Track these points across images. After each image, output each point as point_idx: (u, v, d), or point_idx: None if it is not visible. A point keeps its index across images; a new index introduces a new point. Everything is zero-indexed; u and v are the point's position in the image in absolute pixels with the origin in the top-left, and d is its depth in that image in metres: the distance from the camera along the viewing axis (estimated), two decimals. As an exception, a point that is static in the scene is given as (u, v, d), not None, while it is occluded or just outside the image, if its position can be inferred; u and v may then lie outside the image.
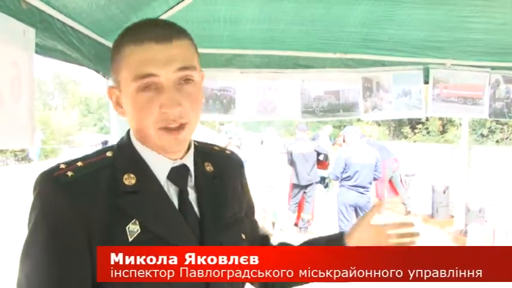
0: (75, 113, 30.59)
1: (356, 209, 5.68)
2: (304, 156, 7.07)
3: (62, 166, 0.94)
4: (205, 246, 0.97)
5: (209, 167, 1.07)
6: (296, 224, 7.38)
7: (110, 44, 2.78)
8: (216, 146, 1.18)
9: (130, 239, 0.90)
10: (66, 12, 2.01)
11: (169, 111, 0.89)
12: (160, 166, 0.97)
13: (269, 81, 3.16)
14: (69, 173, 0.92)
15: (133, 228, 0.91)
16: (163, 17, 2.65)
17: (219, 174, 1.08)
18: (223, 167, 1.11)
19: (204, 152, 1.10)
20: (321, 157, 7.68)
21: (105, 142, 20.51)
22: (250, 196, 1.22)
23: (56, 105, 37.84)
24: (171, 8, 2.58)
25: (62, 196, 0.89)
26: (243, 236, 1.08)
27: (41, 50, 1.82)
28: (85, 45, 2.29)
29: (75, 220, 0.89)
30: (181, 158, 1.00)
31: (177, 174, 0.99)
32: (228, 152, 1.19)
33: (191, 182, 1.02)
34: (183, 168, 1.00)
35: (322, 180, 9.97)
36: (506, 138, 12.36)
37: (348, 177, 5.61)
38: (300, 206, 7.35)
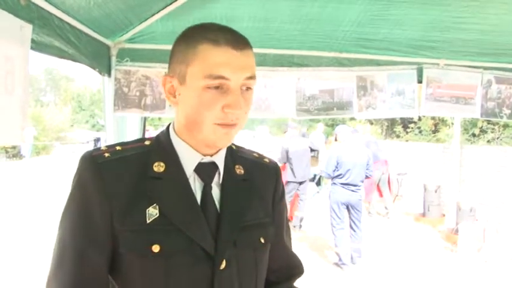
0: (67, 110, 30.36)
1: (348, 207, 5.71)
2: (300, 153, 7.11)
3: (103, 148, 1.04)
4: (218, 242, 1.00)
5: (239, 170, 1.12)
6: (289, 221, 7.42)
7: (107, 41, 2.79)
8: (256, 153, 1.23)
9: (148, 221, 0.97)
10: (64, 9, 2.02)
11: (234, 111, 0.95)
12: (189, 159, 1.03)
13: (264, 79, 3.17)
14: (106, 154, 1.01)
15: (152, 212, 0.97)
16: (160, 14, 2.67)
17: (249, 178, 1.12)
18: (256, 172, 1.15)
19: (239, 155, 1.16)
20: (314, 154, 7.72)
21: (98, 139, 20.48)
22: (283, 211, 1.23)
23: (48, 101, 37.56)
24: (168, 5, 2.59)
25: (95, 173, 0.98)
26: (262, 240, 1.10)
27: (37, 46, 1.82)
28: (82, 42, 2.30)
29: (100, 195, 0.97)
30: (211, 156, 1.05)
31: (204, 169, 1.04)
32: (266, 160, 1.23)
33: (219, 180, 1.06)
34: (212, 165, 1.05)
35: (314, 177, 10.02)
36: (498, 138, 12.45)
37: (340, 175, 5.64)
38: (292, 204, 7.38)
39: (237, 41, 0.97)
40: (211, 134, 0.98)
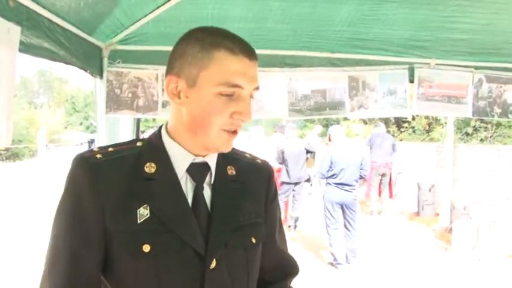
0: (61, 112, 30.26)
1: (343, 207, 5.72)
2: (296, 154, 7.11)
3: (95, 149, 1.05)
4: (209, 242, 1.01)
5: (231, 171, 1.12)
6: (284, 222, 7.43)
7: (98, 43, 2.78)
8: (248, 154, 1.24)
9: (138, 221, 0.97)
10: (53, 10, 2.01)
11: (245, 119, 0.99)
12: (181, 159, 1.04)
13: (256, 80, 3.17)
14: (98, 156, 1.02)
15: (143, 212, 0.98)
16: (152, 15, 2.66)
17: (240, 178, 1.13)
18: (247, 173, 1.16)
19: (231, 156, 1.15)
20: (309, 155, 7.73)
21: (92, 141, 20.41)
22: (276, 212, 1.24)
23: (42, 103, 37.40)
24: (159, 6, 2.58)
25: (87, 174, 0.99)
26: (253, 240, 1.10)
27: (26, 48, 1.80)
28: (72, 44, 2.29)
29: (93, 196, 0.98)
30: (203, 156, 1.06)
31: (196, 170, 1.05)
32: (259, 161, 1.23)
33: (210, 180, 1.07)
34: (204, 165, 1.06)
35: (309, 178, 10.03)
36: (491, 137, 12.51)
37: (334, 175, 5.65)
38: (286, 204, 7.39)
39: (251, 51, 1.00)
40: (216, 139, 1.00)
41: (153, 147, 1.06)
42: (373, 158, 8.85)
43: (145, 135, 1.88)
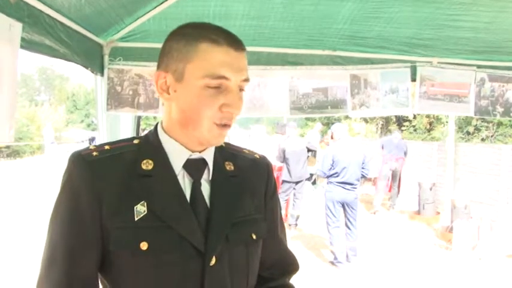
0: (62, 109, 30.28)
1: (344, 206, 5.71)
2: (297, 153, 7.10)
3: (92, 147, 1.04)
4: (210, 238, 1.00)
5: (229, 166, 1.12)
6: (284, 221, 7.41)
7: (99, 40, 2.77)
8: (246, 149, 1.23)
9: (136, 219, 0.96)
10: (55, 7, 2.00)
11: (233, 111, 0.97)
12: (177, 155, 1.03)
13: (258, 78, 3.17)
14: (95, 153, 1.01)
15: (140, 209, 0.97)
16: (153, 13, 2.65)
17: (239, 174, 1.12)
18: (246, 168, 1.15)
19: (229, 152, 1.15)
20: (310, 154, 7.73)
21: (93, 139, 20.41)
22: (276, 207, 1.23)
23: (43, 100, 37.42)
24: (161, 3, 2.58)
25: (84, 171, 0.98)
26: (254, 236, 1.09)
27: (27, 44, 1.80)
28: (74, 41, 2.28)
29: (90, 194, 0.97)
30: (200, 152, 1.05)
31: (193, 166, 1.04)
32: (257, 156, 1.22)
33: (208, 176, 1.07)
34: (201, 161, 1.06)
35: (311, 177, 10.04)
36: (492, 136, 12.50)
37: (336, 173, 5.63)
38: (287, 203, 7.39)
39: (237, 42, 0.98)
40: (207, 132, 0.99)
41: (150, 144, 1.05)
42: (384, 154, 9.05)
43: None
